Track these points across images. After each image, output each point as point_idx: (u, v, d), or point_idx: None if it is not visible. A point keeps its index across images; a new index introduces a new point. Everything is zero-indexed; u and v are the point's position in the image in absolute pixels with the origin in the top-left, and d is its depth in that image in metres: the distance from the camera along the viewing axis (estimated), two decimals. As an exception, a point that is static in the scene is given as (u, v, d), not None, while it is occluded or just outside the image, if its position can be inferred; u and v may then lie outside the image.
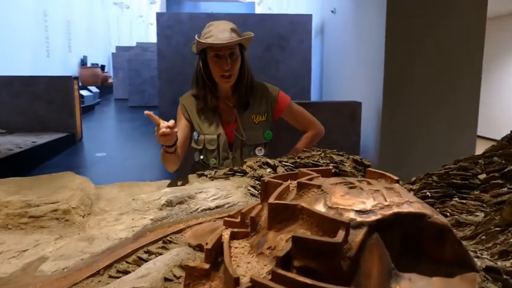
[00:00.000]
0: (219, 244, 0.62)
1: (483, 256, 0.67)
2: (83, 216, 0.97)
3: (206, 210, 0.96)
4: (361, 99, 3.35)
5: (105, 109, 8.57)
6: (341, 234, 0.52)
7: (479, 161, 1.08)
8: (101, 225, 0.93)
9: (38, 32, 7.88)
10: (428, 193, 1.06)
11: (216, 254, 0.61)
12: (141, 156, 4.93)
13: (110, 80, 10.63)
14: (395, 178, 0.68)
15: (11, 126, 5.21)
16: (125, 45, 11.79)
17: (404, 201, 0.60)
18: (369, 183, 0.66)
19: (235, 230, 0.65)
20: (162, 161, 1.69)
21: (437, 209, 1.01)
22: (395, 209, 0.58)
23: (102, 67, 10.79)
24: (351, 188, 0.63)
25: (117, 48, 10.88)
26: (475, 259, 0.62)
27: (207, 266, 0.60)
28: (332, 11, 5.71)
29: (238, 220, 0.69)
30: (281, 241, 0.57)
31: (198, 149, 1.81)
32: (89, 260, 0.78)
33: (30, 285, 0.71)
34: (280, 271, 0.50)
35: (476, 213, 0.95)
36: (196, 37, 1.71)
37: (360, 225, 0.55)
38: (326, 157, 1.11)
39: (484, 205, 0.94)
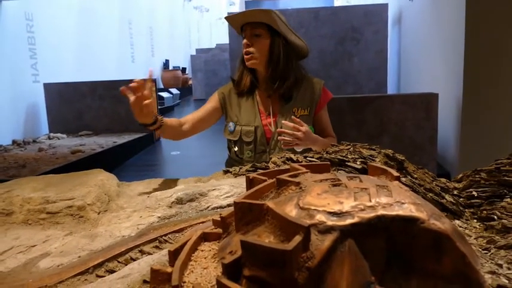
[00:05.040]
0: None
1: (506, 272, 0.53)
2: (98, 213, 0.97)
3: (217, 208, 0.91)
4: (439, 91, 3.08)
5: (184, 109, 8.91)
6: (296, 240, 0.44)
7: (539, 154, 0.91)
8: (112, 222, 0.92)
9: (124, 40, 8.44)
10: (474, 192, 0.91)
11: (181, 257, 0.56)
12: (213, 154, 5.03)
13: (190, 82, 11.05)
14: (396, 174, 0.57)
15: (97, 128, 5.63)
16: (205, 47, 12.17)
17: (394, 202, 0.50)
18: (360, 181, 0.56)
19: (208, 230, 0.59)
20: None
21: (485, 211, 0.86)
22: (381, 211, 0.48)
23: (183, 69, 11.26)
24: (334, 185, 0.54)
25: (197, 50, 11.27)
26: (489, 275, 0.50)
27: (169, 269, 0.55)
28: (409, -2, 5.35)
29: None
30: (242, 245, 0.50)
31: (233, 140, 1.73)
32: (85, 257, 0.77)
33: (23, 280, 0.72)
34: (224, 281, 0.44)
35: (531, 217, 0.79)
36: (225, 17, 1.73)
37: (329, 229, 0.46)
38: (355, 151, 1.00)
39: (538, 208, 0.78)
